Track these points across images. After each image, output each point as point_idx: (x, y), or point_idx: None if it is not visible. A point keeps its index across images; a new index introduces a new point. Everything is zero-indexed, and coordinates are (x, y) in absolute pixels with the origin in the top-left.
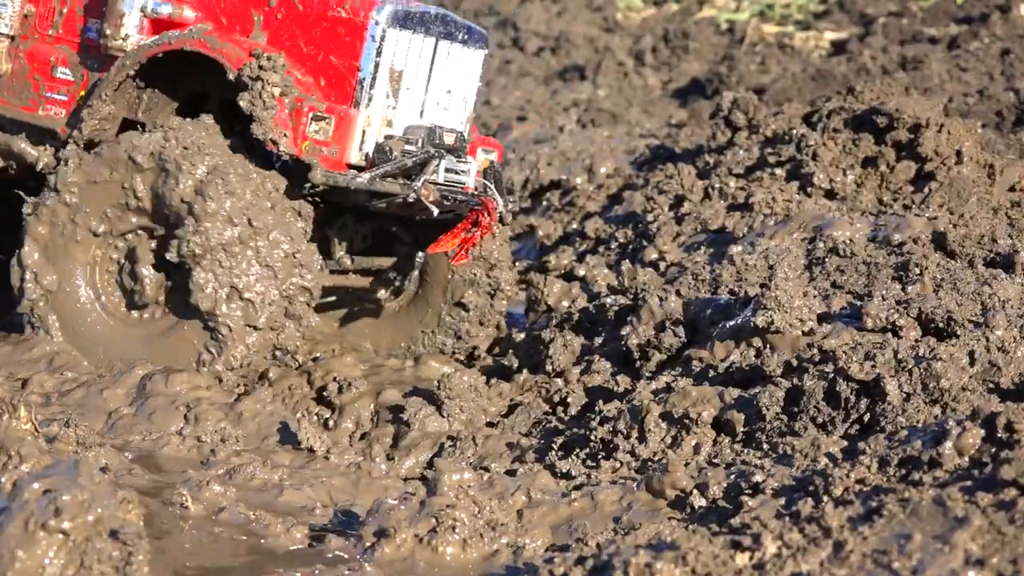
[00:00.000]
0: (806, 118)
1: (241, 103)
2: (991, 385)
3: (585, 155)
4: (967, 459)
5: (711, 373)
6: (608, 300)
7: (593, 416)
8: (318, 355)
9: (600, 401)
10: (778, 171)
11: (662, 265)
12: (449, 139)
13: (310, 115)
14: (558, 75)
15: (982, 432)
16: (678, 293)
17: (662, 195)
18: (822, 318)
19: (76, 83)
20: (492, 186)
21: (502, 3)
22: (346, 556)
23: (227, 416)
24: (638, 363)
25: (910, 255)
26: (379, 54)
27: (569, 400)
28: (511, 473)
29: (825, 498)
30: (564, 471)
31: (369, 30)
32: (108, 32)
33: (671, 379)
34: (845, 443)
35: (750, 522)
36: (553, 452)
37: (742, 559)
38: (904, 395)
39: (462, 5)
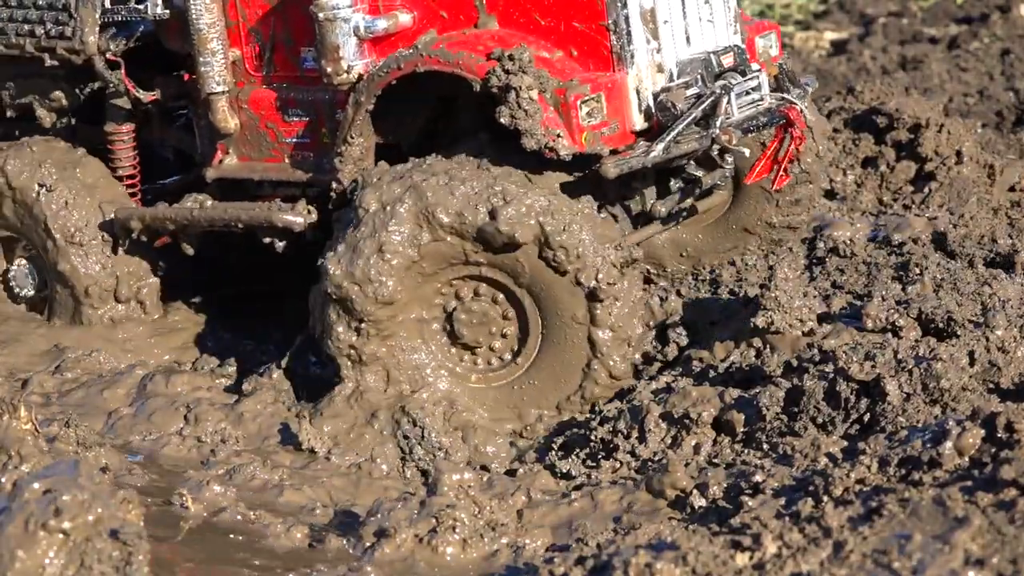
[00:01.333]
0: None
1: (502, 119)
2: (991, 385)
3: None
4: (967, 459)
5: (711, 373)
6: None
7: (593, 416)
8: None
9: (600, 401)
10: None
11: None
12: (727, 60)
13: (578, 103)
14: None
15: (982, 432)
16: (678, 293)
17: None
18: (822, 318)
19: (313, 121)
20: (788, 89)
21: None
22: (346, 556)
23: (227, 416)
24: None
25: (910, 255)
26: (624, 4)
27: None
28: (511, 473)
29: (825, 498)
30: (564, 471)
31: None
32: (329, 69)
33: (671, 379)
34: (845, 443)
35: (750, 522)
36: (553, 452)
37: (742, 559)
38: (904, 395)
39: None
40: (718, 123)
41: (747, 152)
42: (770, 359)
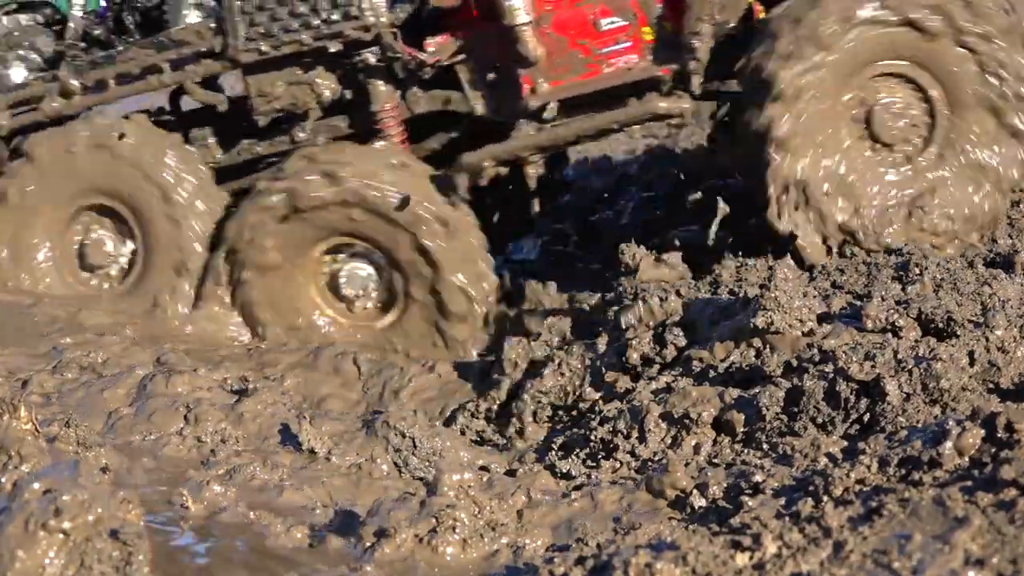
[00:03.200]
0: None
1: None
2: (991, 385)
3: (586, 155)
4: (967, 459)
5: (711, 373)
6: (608, 299)
7: (593, 416)
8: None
9: (600, 401)
10: None
11: None
12: None
13: None
14: None
15: (982, 432)
16: (678, 293)
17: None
18: (822, 318)
19: (632, 23)
20: None
21: None
22: (346, 556)
23: (227, 416)
24: (638, 363)
25: (910, 255)
26: None
27: (570, 400)
28: (511, 473)
29: (825, 498)
30: (564, 471)
31: None
32: None
33: (671, 379)
34: (845, 443)
35: (750, 522)
36: (553, 452)
37: (742, 559)
38: (904, 395)
39: None
40: None
41: None
42: (770, 359)
